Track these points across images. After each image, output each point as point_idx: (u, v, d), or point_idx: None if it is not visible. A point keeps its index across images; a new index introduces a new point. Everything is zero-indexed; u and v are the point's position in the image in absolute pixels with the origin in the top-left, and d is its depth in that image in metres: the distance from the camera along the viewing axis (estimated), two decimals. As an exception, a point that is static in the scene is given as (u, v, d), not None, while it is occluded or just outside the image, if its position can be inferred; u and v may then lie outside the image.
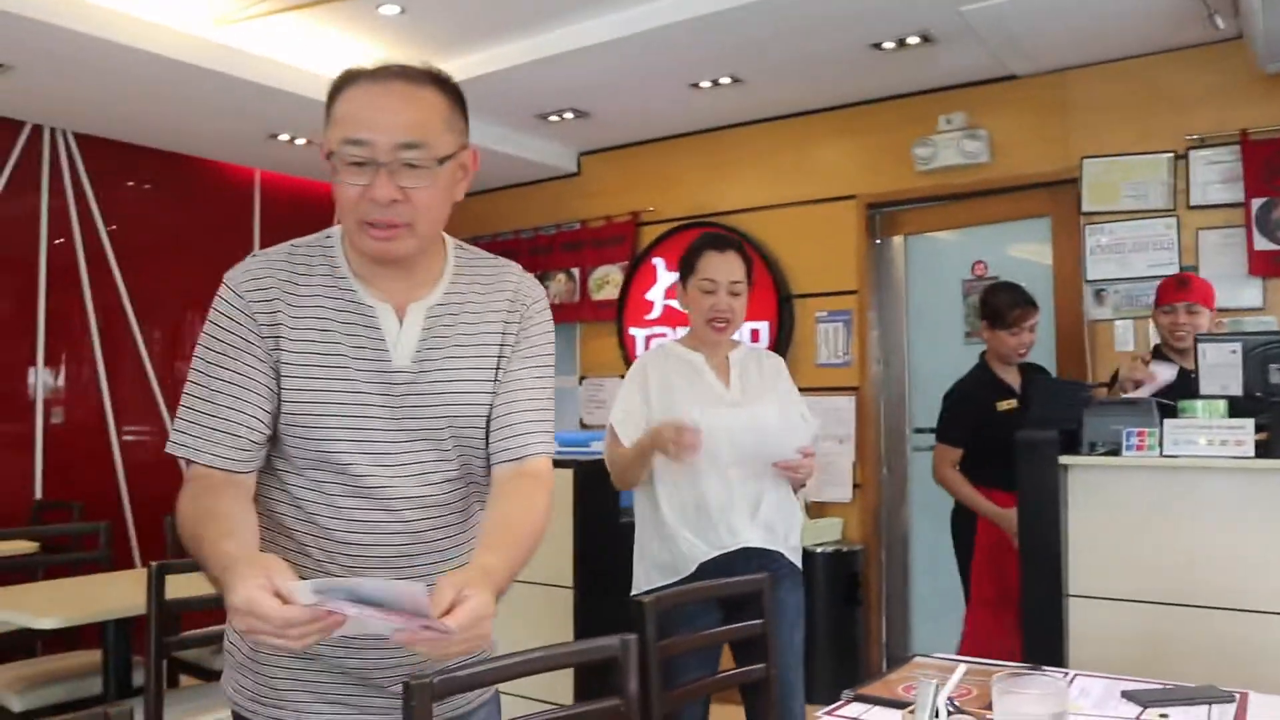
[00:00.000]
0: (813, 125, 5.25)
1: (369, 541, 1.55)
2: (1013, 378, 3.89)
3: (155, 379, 5.48)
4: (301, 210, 5.98)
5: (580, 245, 5.98)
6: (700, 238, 2.96)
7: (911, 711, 1.53)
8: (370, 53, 4.40)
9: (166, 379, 5.53)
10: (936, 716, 1.14)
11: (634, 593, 2.76)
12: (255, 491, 1.56)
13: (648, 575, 2.78)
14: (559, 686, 2.89)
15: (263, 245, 2.08)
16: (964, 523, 3.87)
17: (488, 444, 1.62)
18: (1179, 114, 4.35)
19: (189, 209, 5.65)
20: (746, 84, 4.81)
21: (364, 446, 1.53)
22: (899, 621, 5.03)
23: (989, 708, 1.39)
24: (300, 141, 5.35)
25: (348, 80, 1.51)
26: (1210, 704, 1.75)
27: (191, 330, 5.52)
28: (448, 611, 1.23)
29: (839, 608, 4.60)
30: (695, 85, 4.83)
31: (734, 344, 2.96)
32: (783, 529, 2.79)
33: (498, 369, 1.62)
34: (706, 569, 2.68)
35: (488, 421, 1.61)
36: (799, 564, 2.83)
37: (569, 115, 5.25)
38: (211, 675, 3.56)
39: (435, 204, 1.51)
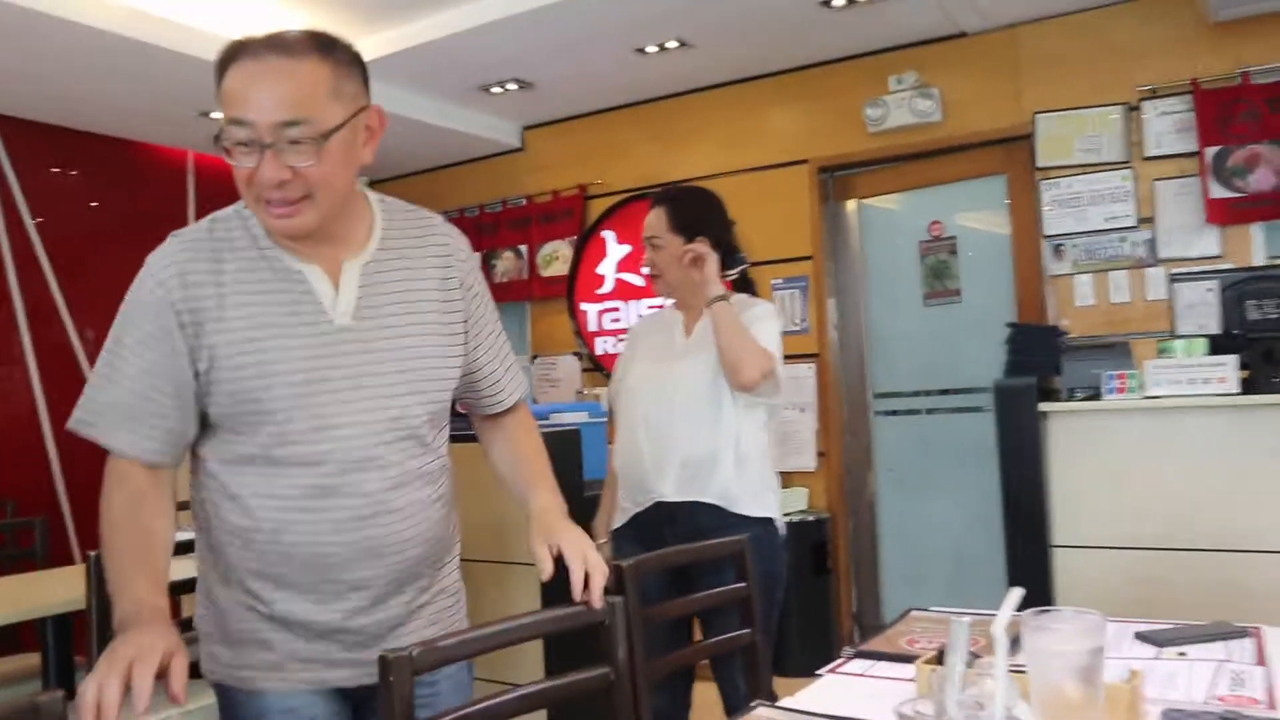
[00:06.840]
0: (762, 90, 5.15)
1: (326, 532, 1.52)
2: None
3: (89, 372, 5.21)
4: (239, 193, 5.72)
5: (527, 221, 5.83)
6: None
7: (933, 659, 1.44)
8: (301, 21, 4.21)
9: (101, 372, 5.26)
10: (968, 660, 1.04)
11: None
12: (200, 505, 1.57)
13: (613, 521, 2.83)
14: (524, 665, 2.80)
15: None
16: None
17: (474, 396, 1.73)
18: (1130, 65, 4.31)
19: (119, 195, 5.37)
20: (694, 48, 4.69)
21: (320, 418, 1.49)
22: (869, 589, 4.96)
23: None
24: (233, 120, 5.10)
25: (230, 56, 1.44)
26: (1226, 640, 1.68)
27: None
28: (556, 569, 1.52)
29: (808, 578, 4.51)
30: (641, 50, 4.70)
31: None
32: (709, 479, 2.59)
33: (440, 323, 1.63)
34: (637, 521, 2.71)
35: (463, 376, 1.68)
36: (754, 516, 2.57)
37: (512, 86, 5.08)
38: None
39: (331, 176, 1.46)
